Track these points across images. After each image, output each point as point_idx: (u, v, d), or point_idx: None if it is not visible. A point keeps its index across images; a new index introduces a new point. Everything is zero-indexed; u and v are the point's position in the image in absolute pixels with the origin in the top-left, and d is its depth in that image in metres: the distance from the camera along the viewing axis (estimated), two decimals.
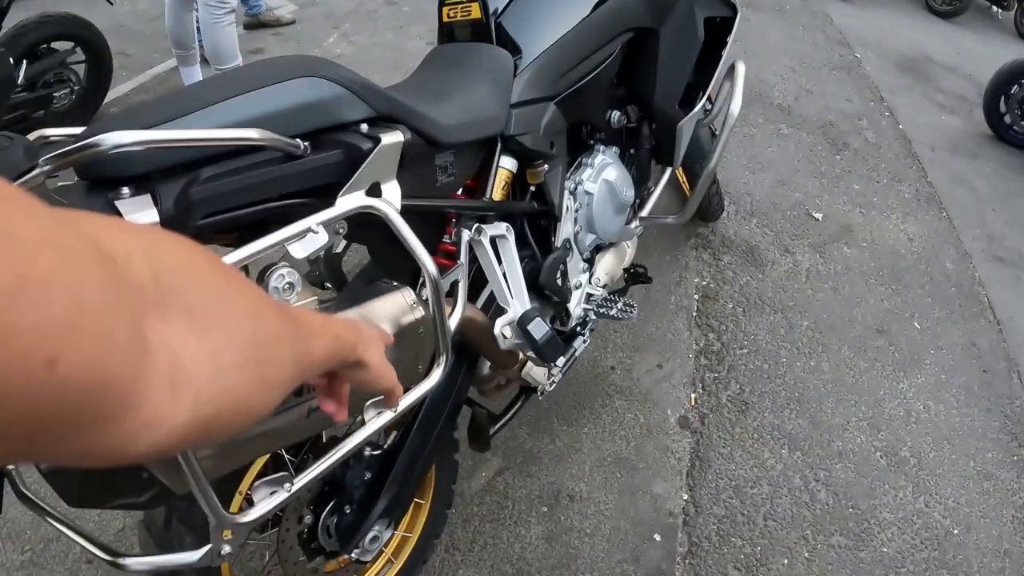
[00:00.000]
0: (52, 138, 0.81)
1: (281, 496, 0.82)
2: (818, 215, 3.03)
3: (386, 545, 1.49)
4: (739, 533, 1.83)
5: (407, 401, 0.91)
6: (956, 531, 1.97)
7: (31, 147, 0.73)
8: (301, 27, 3.98)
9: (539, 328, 1.25)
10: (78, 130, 0.78)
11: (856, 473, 2.03)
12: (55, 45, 2.78)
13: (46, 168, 0.70)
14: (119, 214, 0.76)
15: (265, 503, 0.81)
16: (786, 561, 1.80)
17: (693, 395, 2.15)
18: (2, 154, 0.70)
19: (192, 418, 0.34)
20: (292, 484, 0.82)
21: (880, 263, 2.82)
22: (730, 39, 1.80)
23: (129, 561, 0.82)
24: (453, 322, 1.04)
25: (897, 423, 2.20)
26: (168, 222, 0.78)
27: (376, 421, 0.88)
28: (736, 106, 1.81)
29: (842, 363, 2.35)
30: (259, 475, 1.01)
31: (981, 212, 3.36)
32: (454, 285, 1.10)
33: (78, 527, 0.85)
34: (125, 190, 0.77)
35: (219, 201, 0.84)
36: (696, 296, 2.51)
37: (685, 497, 1.88)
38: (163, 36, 3.11)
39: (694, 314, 2.43)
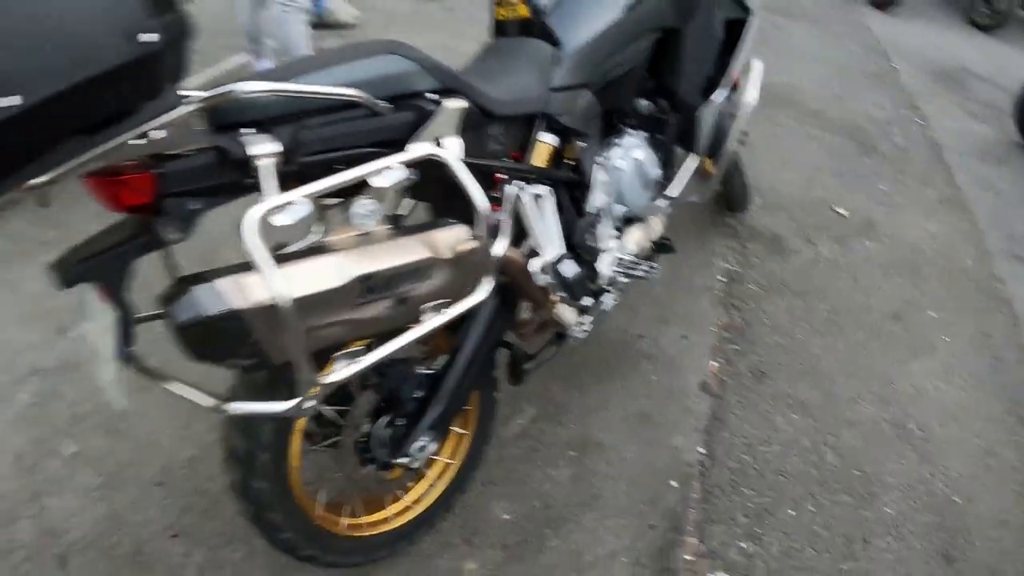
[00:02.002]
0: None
1: (354, 368, 1.05)
2: (842, 211, 3.20)
3: (428, 467, 1.72)
4: (750, 485, 2.02)
5: (460, 309, 1.15)
6: (958, 500, 2.11)
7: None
8: (361, 30, 4.27)
9: (569, 268, 1.49)
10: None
11: (863, 441, 2.20)
12: None
13: (191, 108, 0.93)
14: (246, 146, 0.99)
15: (343, 371, 1.05)
16: (792, 512, 1.98)
17: (714, 363, 2.34)
18: (160, 99, 0.93)
19: None
20: (363, 359, 1.06)
21: (899, 256, 2.98)
22: (746, 38, 2.01)
23: (232, 406, 1.06)
24: (497, 251, 1.27)
25: (906, 399, 2.36)
26: (283, 155, 1.02)
27: (432, 321, 1.11)
28: (751, 97, 2.03)
29: (856, 344, 2.52)
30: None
31: (1005, 215, 3.48)
32: (500, 227, 1.33)
33: (185, 383, 1.09)
34: (250, 129, 1.02)
35: (320, 143, 1.08)
36: (722, 278, 2.70)
37: (702, 451, 2.07)
38: (229, 33, 3.38)
39: (719, 294, 2.63)
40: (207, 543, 1.77)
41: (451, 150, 1.20)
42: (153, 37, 0.77)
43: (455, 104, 1.24)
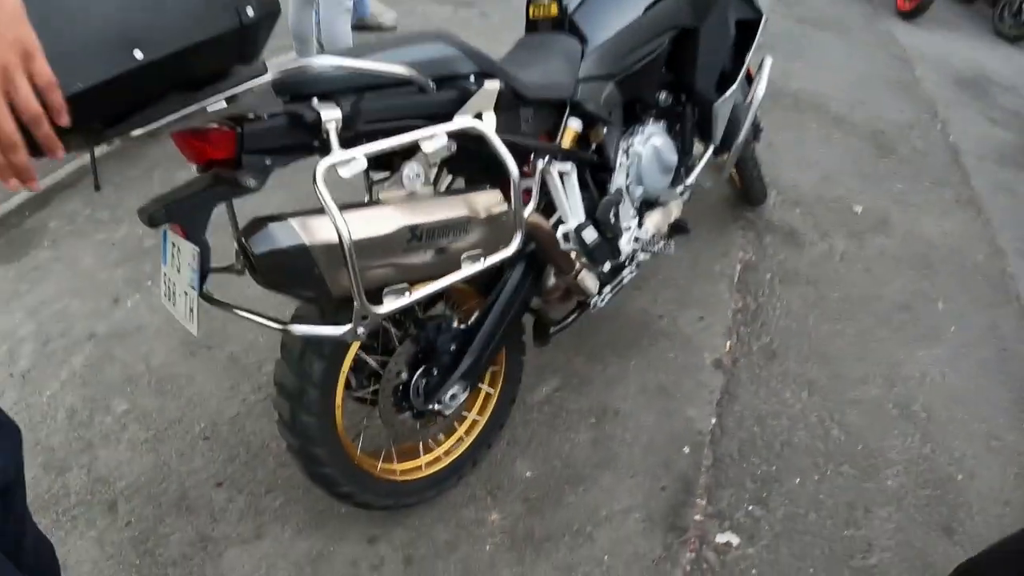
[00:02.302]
0: None
1: (402, 301, 1.22)
2: (858, 208, 3.32)
3: (459, 423, 1.89)
4: (758, 454, 2.15)
5: (492, 261, 1.32)
6: (960, 477, 2.21)
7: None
8: (400, 33, 4.50)
9: (590, 234, 1.66)
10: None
11: (869, 419, 2.32)
12: None
13: (273, 76, 1.11)
14: (316, 112, 1.17)
15: (391, 304, 1.22)
16: (798, 480, 2.10)
17: (728, 343, 2.49)
18: (250, 66, 1.10)
19: None
20: (410, 294, 1.23)
21: (912, 251, 3.09)
22: (757, 37, 2.17)
23: (295, 328, 1.24)
24: (526, 212, 1.45)
25: (912, 383, 2.47)
26: (344, 121, 1.19)
27: (467, 269, 1.29)
28: (760, 91, 2.20)
29: (866, 330, 2.64)
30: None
31: (1021, 215, 3.56)
32: (529, 193, 1.51)
33: (252, 311, 1.26)
34: (316, 99, 1.20)
35: (376, 114, 1.26)
36: (738, 266, 2.84)
37: (713, 421, 2.21)
38: (276, 33, 3.61)
39: (735, 281, 2.77)
40: (249, 491, 1.95)
41: (488, 124, 1.37)
42: (251, 12, 0.94)
43: (492, 85, 1.41)
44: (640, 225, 2.05)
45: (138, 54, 0.86)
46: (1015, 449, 2.35)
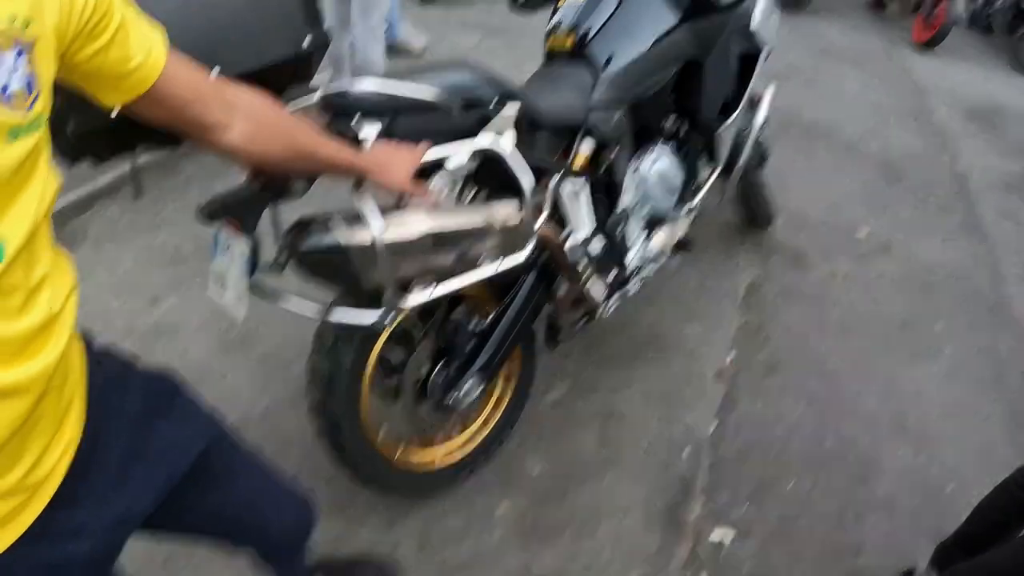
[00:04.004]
0: None
1: (426, 295, 1.39)
2: (863, 233, 3.45)
3: (474, 419, 2.04)
4: (755, 458, 2.28)
5: (507, 264, 1.49)
6: (950, 488, 2.30)
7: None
8: (428, 58, 4.72)
9: (596, 246, 1.82)
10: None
11: (863, 430, 2.43)
12: None
13: (319, 96, 1.29)
14: (355, 128, 1.34)
15: (416, 298, 1.39)
16: (792, 484, 2.22)
17: (730, 356, 2.62)
18: (300, 88, 1.28)
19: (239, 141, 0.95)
20: (433, 290, 1.40)
21: (913, 274, 3.21)
22: (757, 68, 2.33)
23: (332, 313, 1.40)
24: (538, 223, 1.61)
25: (907, 398, 2.59)
26: (380, 137, 1.36)
27: (485, 270, 1.45)
28: (761, 117, 2.36)
29: (864, 347, 2.76)
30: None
31: (1023, 243, 3.66)
32: (542, 207, 1.68)
33: (293, 298, 1.42)
34: (356, 117, 1.37)
35: (407, 133, 1.42)
36: (743, 286, 2.99)
37: (713, 427, 2.35)
38: None
39: (739, 298, 2.92)
40: None
41: (506, 143, 1.53)
42: (308, 43, 1.13)
43: (511, 110, 1.59)
44: (647, 241, 2.20)
45: (216, 72, 1.04)
46: (1007, 463, 2.41)
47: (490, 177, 1.61)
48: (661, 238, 2.27)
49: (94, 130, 0.96)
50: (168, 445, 1.00)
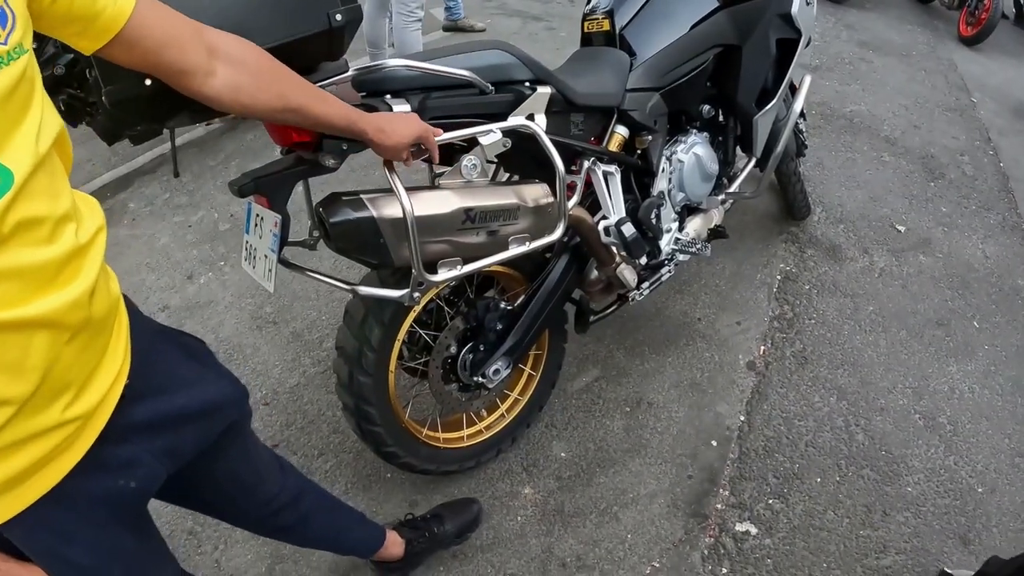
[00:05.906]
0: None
1: (454, 272, 1.39)
2: (901, 228, 3.38)
3: (501, 401, 2.05)
4: (782, 451, 2.26)
5: (536, 245, 1.48)
6: (980, 490, 2.26)
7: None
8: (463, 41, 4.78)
9: (629, 229, 1.80)
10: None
11: (894, 427, 2.39)
12: None
13: (352, 73, 1.30)
14: (389, 105, 1.35)
15: (445, 274, 1.39)
16: (819, 479, 2.20)
17: (762, 347, 2.60)
18: (335, 63, 1.29)
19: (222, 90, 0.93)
20: (461, 268, 1.40)
21: (952, 271, 3.14)
22: (796, 55, 2.29)
23: (360, 289, 1.41)
24: (570, 204, 1.60)
25: (940, 396, 2.54)
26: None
27: (514, 250, 1.45)
28: (798, 106, 2.32)
29: (898, 343, 2.71)
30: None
31: None
32: (574, 188, 1.67)
33: (323, 273, 1.44)
34: (388, 96, 1.37)
35: (440, 111, 1.43)
36: (778, 277, 2.95)
37: (742, 418, 2.33)
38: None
39: (775, 290, 2.88)
40: (303, 453, 2.14)
41: (539, 124, 1.53)
42: (340, 17, 1.13)
43: (544, 91, 1.58)
44: (681, 228, 2.18)
45: None
46: None
47: (522, 159, 1.61)
48: (695, 225, 2.24)
49: (129, 98, 0.97)
50: (210, 400, 1.05)
